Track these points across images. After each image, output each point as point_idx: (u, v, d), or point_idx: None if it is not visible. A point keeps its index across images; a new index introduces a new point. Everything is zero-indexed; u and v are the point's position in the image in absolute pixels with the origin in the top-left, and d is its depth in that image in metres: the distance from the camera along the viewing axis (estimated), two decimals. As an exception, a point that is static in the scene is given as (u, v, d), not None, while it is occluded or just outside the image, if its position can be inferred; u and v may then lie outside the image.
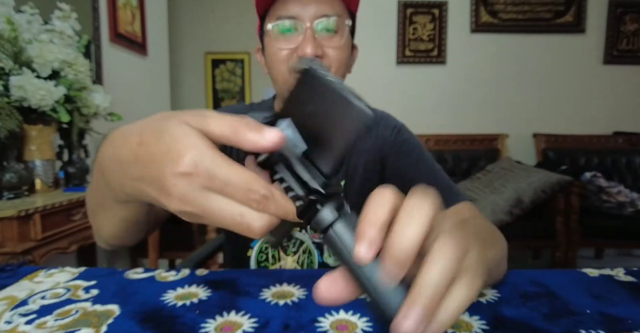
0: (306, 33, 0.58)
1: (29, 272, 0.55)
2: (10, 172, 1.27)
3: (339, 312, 0.42)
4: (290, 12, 0.59)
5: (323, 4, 0.59)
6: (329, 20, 0.59)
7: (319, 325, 0.39)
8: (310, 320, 0.40)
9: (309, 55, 0.58)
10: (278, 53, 0.61)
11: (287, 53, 0.60)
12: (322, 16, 0.58)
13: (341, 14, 0.61)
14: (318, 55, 0.58)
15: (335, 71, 0.62)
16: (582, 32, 2.70)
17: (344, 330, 0.38)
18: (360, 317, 0.41)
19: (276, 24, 0.60)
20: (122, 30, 2.34)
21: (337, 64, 0.61)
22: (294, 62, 0.60)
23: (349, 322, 0.40)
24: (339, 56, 0.61)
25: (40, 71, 1.32)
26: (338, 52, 0.60)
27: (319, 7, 0.58)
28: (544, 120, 2.77)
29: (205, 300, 0.45)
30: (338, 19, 0.59)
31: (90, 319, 0.41)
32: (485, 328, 0.39)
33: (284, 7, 0.59)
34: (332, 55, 0.60)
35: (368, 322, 0.40)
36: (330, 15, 0.59)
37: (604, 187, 2.20)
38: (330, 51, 0.60)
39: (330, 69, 0.62)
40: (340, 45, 0.61)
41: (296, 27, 0.59)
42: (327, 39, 0.60)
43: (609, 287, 0.49)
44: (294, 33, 0.59)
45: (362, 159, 0.70)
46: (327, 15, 0.58)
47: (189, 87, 3.90)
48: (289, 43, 0.60)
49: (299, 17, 0.59)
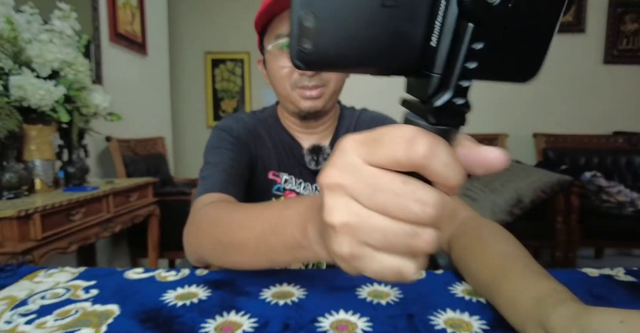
0: None
1: (29, 272, 0.55)
2: (10, 172, 1.27)
3: (339, 311, 0.42)
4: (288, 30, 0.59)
5: None
6: None
7: (319, 325, 0.39)
8: (310, 320, 0.40)
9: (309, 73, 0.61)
10: (280, 71, 0.65)
11: (288, 70, 0.64)
12: None
13: None
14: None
15: (334, 83, 0.66)
16: (582, 32, 2.70)
17: (343, 330, 0.38)
18: (360, 316, 0.41)
19: (276, 43, 0.63)
20: (121, 30, 2.34)
21: (336, 77, 0.66)
22: (295, 79, 0.64)
23: (349, 322, 0.40)
24: None
25: (40, 71, 1.32)
26: None
27: None
28: (544, 120, 2.77)
29: (205, 300, 0.45)
30: None
31: (90, 319, 0.41)
32: (486, 328, 0.39)
33: (283, 25, 0.62)
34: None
35: (368, 322, 0.40)
36: None
37: (604, 187, 2.20)
38: None
39: (330, 83, 0.65)
40: None
41: None
42: None
43: (609, 286, 0.49)
44: None
45: None
46: None
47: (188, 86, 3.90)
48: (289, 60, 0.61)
49: None
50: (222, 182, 0.61)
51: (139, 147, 2.39)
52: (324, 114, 0.72)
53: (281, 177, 0.73)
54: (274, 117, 0.76)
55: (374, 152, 0.20)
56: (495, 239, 0.47)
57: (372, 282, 0.50)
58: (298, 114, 0.69)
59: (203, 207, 0.53)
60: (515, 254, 0.43)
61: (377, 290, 0.48)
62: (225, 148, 0.68)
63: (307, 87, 0.65)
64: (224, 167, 0.64)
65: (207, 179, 0.62)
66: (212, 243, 0.45)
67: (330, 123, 0.76)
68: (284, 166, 0.73)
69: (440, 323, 0.39)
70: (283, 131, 0.75)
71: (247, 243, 0.38)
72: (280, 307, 0.43)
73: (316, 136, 0.75)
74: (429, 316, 0.41)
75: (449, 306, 0.43)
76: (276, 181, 0.73)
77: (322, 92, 0.66)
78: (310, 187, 0.73)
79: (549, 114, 2.78)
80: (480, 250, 0.46)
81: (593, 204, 2.22)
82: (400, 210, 0.19)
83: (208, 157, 0.68)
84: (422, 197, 0.19)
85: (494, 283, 0.41)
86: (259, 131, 0.74)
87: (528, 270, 0.39)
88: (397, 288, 0.48)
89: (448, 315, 0.41)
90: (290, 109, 0.70)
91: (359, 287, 0.49)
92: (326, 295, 0.46)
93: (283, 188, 0.73)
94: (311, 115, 0.69)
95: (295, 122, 0.74)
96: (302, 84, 0.65)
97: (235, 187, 0.62)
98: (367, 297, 0.46)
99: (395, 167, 0.19)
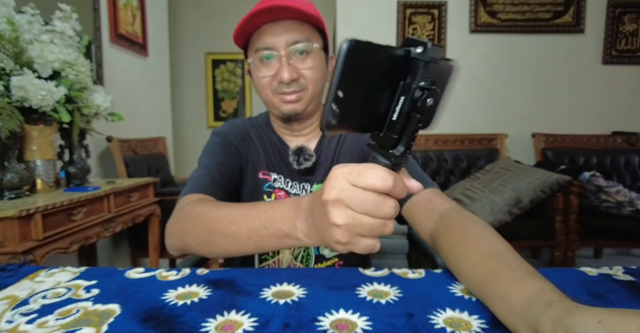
0: (281, 60, 0.68)
1: (30, 272, 0.55)
2: (11, 172, 1.27)
3: (339, 311, 0.42)
4: (266, 44, 0.68)
5: (294, 32, 0.67)
6: (300, 45, 0.68)
7: (319, 325, 0.39)
8: (310, 319, 0.40)
9: (286, 80, 0.67)
10: (261, 80, 0.71)
11: (269, 79, 0.70)
12: (294, 43, 0.67)
13: (310, 38, 0.69)
14: (294, 78, 0.68)
15: (312, 87, 0.71)
16: (581, 32, 2.70)
17: (343, 329, 0.39)
18: (360, 316, 0.41)
19: (256, 56, 0.70)
20: (122, 30, 2.34)
21: (313, 82, 0.71)
22: (275, 86, 0.70)
23: (349, 321, 0.40)
24: (313, 75, 0.70)
25: (41, 71, 1.32)
26: (312, 72, 0.70)
27: (290, 35, 0.67)
28: (543, 120, 2.77)
29: (205, 300, 0.45)
30: (307, 43, 0.68)
31: (91, 318, 0.41)
32: (485, 327, 0.39)
33: (260, 40, 0.68)
34: (307, 75, 0.70)
35: (368, 321, 0.40)
36: (300, 40, 0.68)
37: (602, 187, 2.20)
38: (305, 72, 0.70)
39: (308, 87, 0.71)
40: (313, 65, 0.70)
41: (273, 55, 0.68)
42: (301, 62, 0.69)
43: (608, 286, 0.49)
44: (272, 60, 0.69)
45: (348, 159, 0.79)
46: (297, 41, 0.67)
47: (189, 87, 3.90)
48: (269, 70, 0.70)
49: (274, 47, 0.68)
50: (206, 185, 0.68)
51: (140, 147, 2.40)
52: (306, 117, 0.76)
53: (271, 176, 0.78)
54: (266, 122, 0.83)
55: (359, 180, 0.34)
56: (481, 236, 0.49)
57: (371, 281, 0.51)
58: (282, 117, 0.74)
59: (188, 204, 0.60)
60: (501, 252, 0.45)
61: (377, 289, 0.48)
62: (215, 152, 0.75)
63: (286, 93, 0.70)
64: (211, 171, 0.71)
65: (194, 179, 0.69)
66: (199, 232, 0.53)
67: (316, 126, 0.80)
68: (272, 166, 0.79)
69: (439, 323, 0.40)
70: (273, 134, 0.81)
71: (238, 235, 0.48)
72: (280, 306, 0.44)
73: (302, 138, 0.80)
74: (429, 315, 0.41)
75: (448, 305, 0.44)
76: (267, 179, 0.78)
77: (301, 96, 0.71)
78: (298, 186, 0.78)
79: (548, 114, 2.78)
80: (466, 250, 0.48)
81: (592, 204, 2.22)
82: (379, 212, 0.35)
83: (201, 160, 0.75)
84: (390, 204, 0.35)
85: (484, 285, 0.42)
86: (250, 135, 0.81)
87: (516, 269, 0.41)
88: (396, 287, 0.49)
89: (447, 314, 0.42)
90: (275, 113, 0.75)
91: (358, 286, 0.49)
92: (326, 294, 0.47)
93: (273, 186, 0.78)
94: (293, 118, 0.74)
95: (282, 125, 0.78)
96: (281, 90, 0.70)
97: (217, 189, 0.69)
98: (367, 296, 0.46)
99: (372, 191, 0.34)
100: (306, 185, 0.78)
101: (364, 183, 0.34)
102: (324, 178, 0.77)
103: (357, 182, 0.34)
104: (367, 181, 0.34)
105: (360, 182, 0.34)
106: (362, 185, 0.34)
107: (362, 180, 0.34)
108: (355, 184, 0.34)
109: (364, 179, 0.34)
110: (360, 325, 0.39)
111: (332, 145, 0.80)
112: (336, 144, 0.80)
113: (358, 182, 0.34)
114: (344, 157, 0.79)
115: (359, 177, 0.34)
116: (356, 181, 0.34)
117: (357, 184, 0.34)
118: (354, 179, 0.34)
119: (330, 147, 0.80)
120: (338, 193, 0.35)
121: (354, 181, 0.34)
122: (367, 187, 0.34)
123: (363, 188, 0.34)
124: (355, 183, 0.34)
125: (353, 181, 0.34)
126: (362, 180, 0.34)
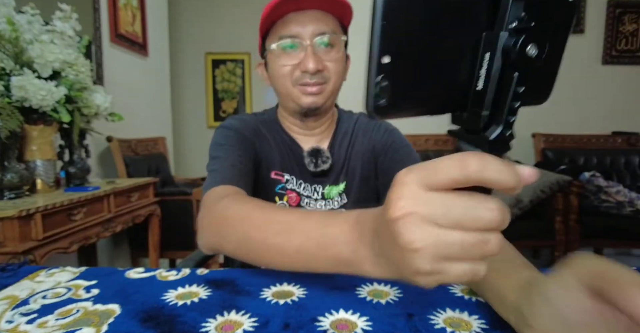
0: (307, 50, 0.65)
1: (30, 272, 0.55)
2: (11, 172, 1.27)
3: (339, 311, 0.42)
4: (291, 32, 0.66)
5: (320, 23, 0.66)
6: (326, 37, 0.66)
7: (319, 324, 0.39)
8: (310, 319, 0.40)
9: (311, 70, 0.64)
10: (282, 69, 0.68)
11: (290, 68, 0.67)
12: (320, 34, 0.65)
13: (336, 30, 0.68)
14: (319, 69, 0.65)
15: (333, 81, 0.69)
16: (581, 33, 2.70)
17: (343, 329, 0.39)
18: (360, 316, 0.41)
19: (279, 43, 0.66)
20: (122, 30, 2.34)
21: (336, 76, 0.69)
22: (297, 76, 0.67)
23: (349, 321, 0.40)
24: (337, 68, 0.68)
25: (41, 71, 1.32)
26: (336, 65, 0.68)
27: (316, 26, 0.65)
28: (543, 120, 2.77)
29: (205, 300, 0.45)
30: (334, 35, 0.67)
31: (91, 318, 0.41)
32: (485, 327, 0.39)
33: (285, 28, 0.66)
34: (331, 68, 0.68)
35: (368, 321, 0.40)
36: (327, 32, 0.66)
37: (602, 187, 2.20)
38: (329, 64, 0.67)
39: (330, 80, 0.68)
40: (337, 58, 0.68)
41: (297, 44, 0.66)
42: (325, 54, 0.67)
43: (606, 286, 0.49)
44: (295, 50, 0.66)
45: (359, 161, 0.76)
46: (324, 32, 0.66)
47: (189, 87, 3.90)
48: (291, 59, 0.67)
49: (300, 36, 0.65)
50: (234, 175, 0.62)
51: (140, 147, 2.40)
52: (323, 112, 0.73)
53: (284, 176, 0.74)
54: (274, 120, 0.78)
55: (432, 179, 0.23)
56: None
57: (371, 281, 0.51)
58: (299, 111, 0.71)
59: (222, 199, 0.52)
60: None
61: (376, 289, 0.48)
62: (231, 145, 0.68)
63: (308, 84, 0.67)
64: (233, 162, 0.65)
65: (217, 172, 0.62)
66: (239, 239, 0.45)
67: (328, 125, 0.77)
68: (285, 166, 0.74)
69: (439, 323, 0.40)
70: (283, 133, 0.76)
71: (285, 250, 0.39)
72: (280, 306, 0.44)
73: (315, 138, 0.76)
74: (429, 315, 0.41)
75: (448, 305, 0.44)
76: (280, 180, 0.74)
77: (322, 89, 0.68)
78: (310, 188, 0.75)
79: (548, 114, 2.78)
80: None
81: (592, 204, 2.22)
82: (474, 221, 0.23)
83: (215, 152, 0.68)
84: (489, 205, 0.23)
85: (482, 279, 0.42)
86: (261, 131, 0.75)
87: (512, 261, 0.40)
88: (396, 287, 0.49)
89: (447, 314, 0.42)
90: (291, 107, 0.71)
91: (358, 286, 0.49)
92: (326, 294, 0.47)
93: (285, 188, 0.74)
94: (311, 112, 0.71)
95: (295, 122, 0.75)
96: (303, 81, 0.67)
97: (245, 182, 0.62)
98: (367, 296, 0.46)
99: (454, 186, 0.23)
100: (318, 187, 0.75)
101: (441, 180, 0.23)
102: (336, 179, 0.75)
103: (433, 181, 0.23)
104: (443, 175, 0.22)
105: (437, 180, 0.23)
106: (440, 183, 0.23)
107: (438, 177, 0.23)
108: (432, 186, 0.23)
109: (441, 174, 0.23)
110: (360, 325, 0.39)
111: (344, 145, 0.77)
112: (347, 145, 0.77)
113: (434, 182, 0.23)
114: (355, 158, 0.76)
115: (434, 174, 0.23)
116: (432, 181, 0.23)
117: (434, 185, 0.23)
118: (428, 179, 0.23)
119: (342, 148, 0.77)
120: (409, 205, 0.24)
121: (429, 182, 0.23)
122: (441, 184, 0.23)
123: (438, 188, 0.23)
124: (432, 184, 0.23)
125: (428, 182, 0.23)
126: (438, 176, 0.23)
